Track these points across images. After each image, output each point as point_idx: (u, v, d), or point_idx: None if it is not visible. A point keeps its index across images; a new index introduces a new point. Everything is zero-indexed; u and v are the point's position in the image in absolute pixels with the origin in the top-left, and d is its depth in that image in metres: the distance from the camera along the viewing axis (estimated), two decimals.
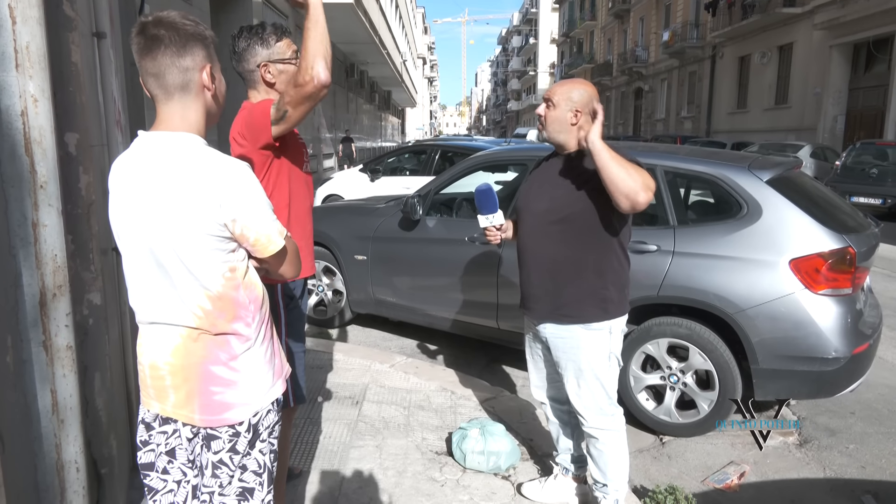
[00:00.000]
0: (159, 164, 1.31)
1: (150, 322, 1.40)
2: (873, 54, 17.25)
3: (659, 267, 3.23)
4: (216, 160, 1.31)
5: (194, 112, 1.35)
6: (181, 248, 1.31)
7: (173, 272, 1.34)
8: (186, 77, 1.32)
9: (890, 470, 3.07)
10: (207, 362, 1.38)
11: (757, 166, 3.32)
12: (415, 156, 9.69)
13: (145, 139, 1.35)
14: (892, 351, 4.59)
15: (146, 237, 1.33)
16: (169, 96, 1.32)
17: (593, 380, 2.25)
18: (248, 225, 1.33)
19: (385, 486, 2.59)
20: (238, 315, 1.39)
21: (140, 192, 1.32)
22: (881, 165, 11.96)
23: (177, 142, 1.32)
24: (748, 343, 3.05)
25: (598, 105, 2.10)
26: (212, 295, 1.35)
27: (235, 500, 1.45)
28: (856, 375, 3.08)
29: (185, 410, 1.40)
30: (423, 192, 4.37)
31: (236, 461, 1.44)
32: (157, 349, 1.40)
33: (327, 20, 1.78)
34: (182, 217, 1.29)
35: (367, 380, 3.72)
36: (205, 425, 1.40)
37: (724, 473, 3.01)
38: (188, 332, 1.37)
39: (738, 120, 23.61)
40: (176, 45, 1.29)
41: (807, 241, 3.04)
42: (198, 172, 1.29)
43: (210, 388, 1.38)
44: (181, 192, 1.28)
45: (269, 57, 1.99)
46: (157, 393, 1.42)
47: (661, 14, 30.70)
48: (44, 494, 1.75)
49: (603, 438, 2.30)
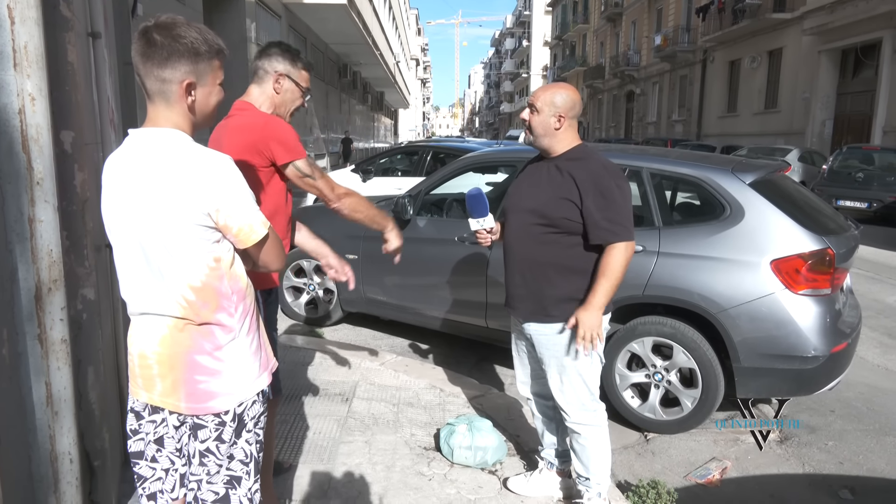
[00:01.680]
0: (146, 158, 1.36)
1: (140, 313, 1.45)
2: (861, 60, 17.46)
3: (644, 267, 3.29)
4: (199, 153, 1.37)
5: (176, 115, 1.40)
6: (167, 239, 1.36)
7: (160, 263, 1.38)
8: (164, 87, 1.37)
9: (867, 466, 3.15)
10: (193, 352, 1.43)
11: (740, 169, 3.39)
12: (406, 157, 9.73)
13: (134, 136, 1.41)
14: (872, 351, 4.68)
15: (135, 229, 1.38)
16: (151, 99, 1.40)
17: (576, 376, 2.30)
18: (232, 214, 1.37)
19: (373, 481, 2.64)
20: (221, 305, 1.43)
21: (128, 185, 1.37)
22: (867, 170, 12.12)
23: (162, 137, 1.38)
24: (730, 342, 3.12)
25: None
26: (195, 286, 1.40)
27: (223, 489, 1.49)
28: (834, 374, 3.16)
29: (172, 399, 1.45)
30: (414, 192, 4.42)
31: (223, 450, 1.48)
32: (146, 339, 1.45)
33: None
34: (168, 208, 1.34)
35: (358, 377, 3.76)
36: (190, 413, 1.45)
37: (706, 469, 3.07)
38: (174, 322, 1.42)
39: (728, 124, 23.81)
40: (161, 56, 1.33)
41: (787, 242, 3.11)
42: (182, 165, 1.34)
43: (195, 377, 1.43)
44: (167, 183, 1.34)
45: (290, 73, 2.14)
46: (145, 382, 1.47)
47: (652, 18, 30.91)
48: (38, 485, 1.78)
49: (585, 433, 2.35)
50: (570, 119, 2.21)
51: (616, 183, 2.17)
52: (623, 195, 2.18)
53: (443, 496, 2.56)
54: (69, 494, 1.84)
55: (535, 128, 2.25)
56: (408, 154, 9.82)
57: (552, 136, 2.23)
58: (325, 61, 20.96)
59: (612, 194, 2.15)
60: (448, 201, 4.83)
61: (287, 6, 15.00)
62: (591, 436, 2.35)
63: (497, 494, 2.60)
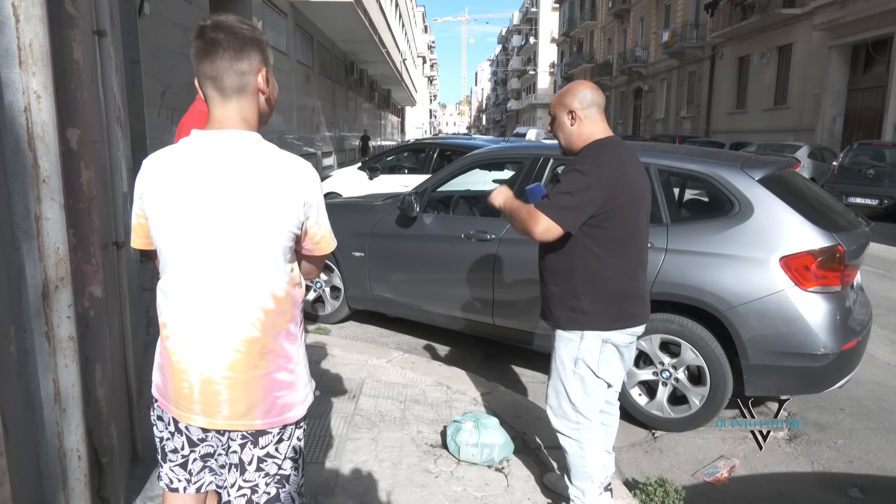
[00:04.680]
0: (234, 161, 1.31)
1: (196, 335, 1.36)
2: (872, 56, 17.28)
3: (652, 264, 3.26)
4: (292, 158, 1.35)
5: (251, 113, 1.36)
6: (260, 246, 1.31)
7: (243, 273, 1.32)
8: (243, 80, 1.33)
9: (877, 464, 3.12)
10: (271, 371, 1.38)
11: (749, 165, 3.36)
12: (413, 154, 9.72)
13: (205, 137, 1.33)
14: (882, 348, 4.64)
15: (218, 239, 1.30)
16: (227, 98, 1.33)
17: (559, 383, 2.29)
18: (319, 221, 1.38)
19: (380, 478, 2.64)
20: (294, 315, 1.42)
21: (214, 191, 1.29)
22: (878, 166, 12.01)
23: (246, 140, 1.33)
24: (739, 339, 3.09)
25: None
26: (279, 296, 1.36)
27: (275, 489, 1.46)
28: (844, 372, 3.13)
29: (245, 420, 1.38)
30: (421, 189, 4.41)
31: (282, 450, 1.45)
32: (209, 363, 1.35)
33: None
34: (265, 213, 1.29)
35: (364, 375, 3.76)
36: (268, 427, 1.41)
37: (714, 467, 3.05)
38: (247, 344, 1.35)
39: (737, 120, 23.65)
40: (234, 48, 1.30)
41: (797, 238, 3.08)
42: (279, 169, 1.31)
43: (275, 395, 1.39)
44: (265, 188, 1.29)
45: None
46: (207, 408, 1.38)
47: (660, 14, 30.73)
48: (46, 481, 1.79)
49: (563, 441, 2.34)
50: (585, 111, 2.14)
51: (578, 168, 2.06)
52: (572, 180, 2.04)
53: (449, 493, 2.55)
54: (77, 491, 1.84)
55: (557, 134, 2.24)
56: (414, 151, 9.81)
57: (569, 136, 2.20)
58: (331, 59, 20.98)
59: (567, 176, 2.07)
60: (455, 198, 4.83)
61: (293, 4, 15.01)
62: (567, 446, 2.32)
63: (504, 492, 2.59)
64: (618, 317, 2.19)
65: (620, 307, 2.19)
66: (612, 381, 2.27)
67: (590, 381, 2.23)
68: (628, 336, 2.24)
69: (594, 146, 2.16)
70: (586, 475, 2.31)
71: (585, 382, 2.23)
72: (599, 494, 2.34)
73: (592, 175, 2.04)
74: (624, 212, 2.10)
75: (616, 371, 2.27)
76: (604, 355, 2.21)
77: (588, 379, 2.23)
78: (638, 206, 2.16)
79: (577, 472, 2.32)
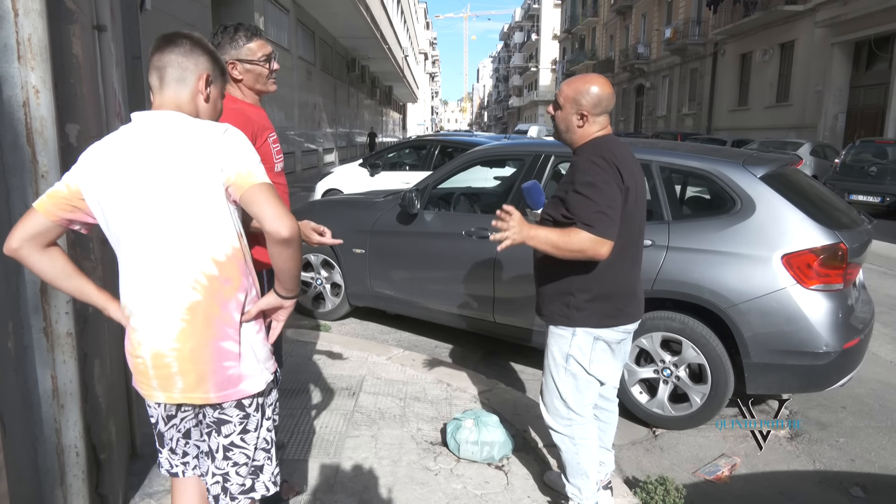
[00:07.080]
0: (156, 137, 1.38)
1: (147, 310, 1.41)
2: (874, 52, 17.22)
3: (653, 261, 3.26)
4: (205, 124, 1.41)
5: (186, 105, 1.44)
6: (187, 212, 1.36)
7: (180, 239, 1.37)
8: (184, 75, 1.43)
9: (879, 463, 3.11)
10: (217, 339, 1.41)
11: (751, 162, 3.35)
12: (414, 151, 9.70)
13: (135, 120, 1.42)
14: (885, 347, 4.63)
15: (150, 210, 1.36)
16: (165, 86, 1.43)
17: (550, 379, 2.28)
18: (233, 161, 1.36)
19: (380, 475, 2.63)
20: (242, 284, 1.44)
21: (141, 167, 1.36)
22: (880, 163, 11.96)
23: (169, 117, 1.40)
24: (740, 337, 3.08)
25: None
26: (219, 260, 1.39)
27: (249, 480, 1.52)
28: (846, 370, 3.12)
29: (198, 392, 1.43)
30: (422, 186, 4.40)
31: (249, 440, 1.50)
32: (159, 337, 1.41)
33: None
34: (188, 176, 1.35)
35: (364, 371, 3.76)
36: (222, 400, 1.44)
37: (715, 465, 3.05)
38: (191, 312, 1.39)
39: (739, 117, 23.59)
40: (185, 48, 1.44)
41: (799, 236, 3.07)
42: (192, 136, 1.37)
43: (224, 364, 1.42)
44: (182, 156, 1.35)
45: (238, 56, 2.10)
46: (162, 382, 1.43)
47: (662, 11, 30.64)
48: (44, 477, 1.78)
49: (556, 438, 2.34)
50: (595, 116, 2.12)
51: (590, 180, 2.00)
52: (598, 191, 1.98)
53: (449, 491, 2.55)
54: (75, 487, 1.84)
55: (558, 124, 2.19)
56: (416, 148, 9.79)
57: (573, 133, 2.16)
58: (333, 55, 20.95)
59: (587, 190, 1.99)
60: (456, 195, 4.81)
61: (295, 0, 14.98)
62: (560, 443, 2.32)
63: (504, 490, 2.59)
64: (611, 314, 2.18)
65: (614, 305, 2.18)
66: (604, 379, 2.26)
67: (581, 377, 2.22)
68: (621, 333, 2.23)
69: (596, 141, 2.15)
70: (581, 472, 2.30)
71: (577, 379, 2.23)
72: (597, 491, 2.34)
73: (610, 175, 2.02)
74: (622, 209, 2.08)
75: (608, 368, 2.26)
76: (595, 352, 2.20)
77: (580, 376, 2.22)
78: (634, 204, 2.14)
79: (573, 469, 2.32)
